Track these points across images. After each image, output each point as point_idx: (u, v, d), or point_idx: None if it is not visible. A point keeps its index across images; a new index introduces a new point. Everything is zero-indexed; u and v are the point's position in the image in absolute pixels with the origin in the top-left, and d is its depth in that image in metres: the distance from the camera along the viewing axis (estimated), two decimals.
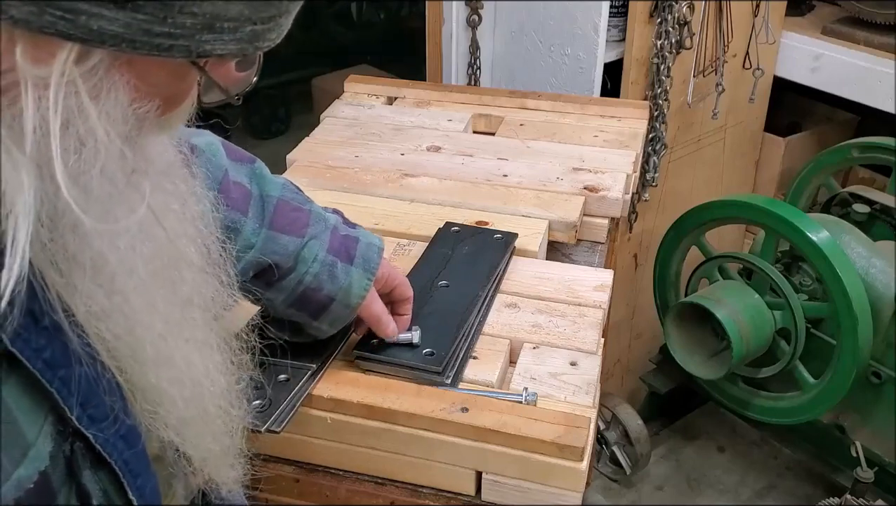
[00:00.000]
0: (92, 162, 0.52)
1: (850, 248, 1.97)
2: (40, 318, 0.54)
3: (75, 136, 0.51)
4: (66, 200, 0.51)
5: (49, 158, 0.50)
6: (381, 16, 4.45)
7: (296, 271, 0.94)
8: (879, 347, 1.94)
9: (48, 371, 0.54)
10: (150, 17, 0.49)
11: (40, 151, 0.50)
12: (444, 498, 1.03)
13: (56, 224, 0.53)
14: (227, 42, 0.53)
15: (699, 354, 2.04)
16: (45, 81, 0.49)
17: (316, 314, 0.98)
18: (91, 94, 0.51)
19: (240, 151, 0.97)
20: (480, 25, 2.09)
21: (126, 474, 0.60)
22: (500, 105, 1.74)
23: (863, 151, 2.20)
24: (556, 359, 1.08)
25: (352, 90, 1.80)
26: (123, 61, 0.52)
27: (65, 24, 0.48)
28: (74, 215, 0.52)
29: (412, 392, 1.01)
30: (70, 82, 0.50)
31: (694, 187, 2.46)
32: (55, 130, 0.50)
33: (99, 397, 0.58)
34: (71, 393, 0.56)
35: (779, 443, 2.32)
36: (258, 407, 0.94)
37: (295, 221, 0.94)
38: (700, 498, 2.33)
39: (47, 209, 0.52)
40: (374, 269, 0.97)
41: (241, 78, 0.61)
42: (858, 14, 2.38)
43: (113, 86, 0.52)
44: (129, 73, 0.53)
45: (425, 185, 1.45)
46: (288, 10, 0.56)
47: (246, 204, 0.93)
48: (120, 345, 0.59)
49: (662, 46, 2.01)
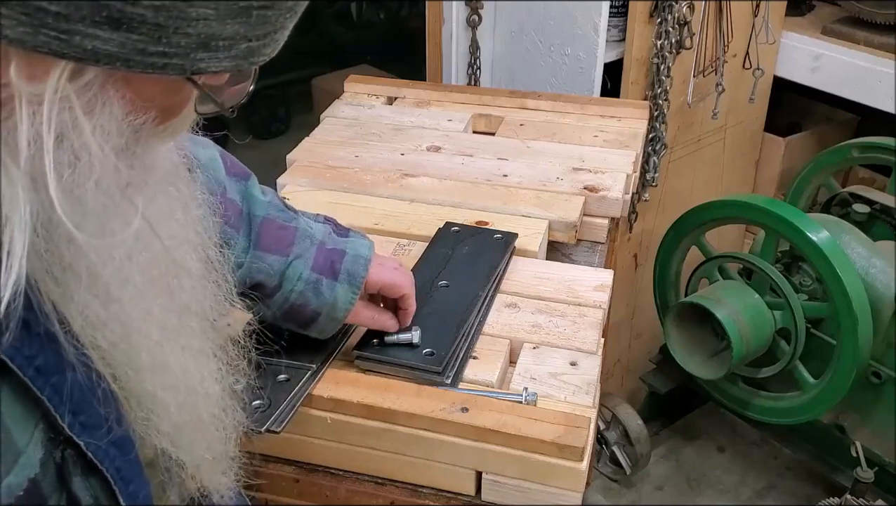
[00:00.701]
0: (86, 176, 0.52)
1: (850, 248, 1.97)
2: (34, 326, 0.54)
3: (70, 150, 0.51)
4: (59, 215, 0.51)
5: (43, 173, 0.50)
6: (381, 16, 4.45)
7: (282, 289, 0.96)
8: (879, 347, 1.93)
9: (39, 378, 0.54)
10: (145, 38, 0.49)
11: (35, 165, 0.50)
12: (444, 498, 1.03)
13: (51, 236, 0.53)
14: (221, 60, 0.53)
15: (699, 354, 2.04)
16: (39, 98, 0.49)
17: (304, 326, 1.00)
18: (85, 109, 0.51)
19: (238, 166, 0.98)
20: (480, 25, 2.09)
21: (118, 481, 0.60)
22: (500, 105, 1.74)
23: (863, 151, 2.20)
24: (556, 359, 1.08)
25: (352, 90, 1.80)
26: (118, 77, 0.52)
27: (59, 43, 0.48)
28: (68, 229, 0.52)
29: (412, 392, 1.01)
30: (64, 98, 0.50)
31: (694, 187, 2.46)
32: (49, 146, 0.50)
33: (92, 406, 0.58)
34: (63, 401, 0.56)
35: (779, 443, 2.32)
36: (258, 407, 0.94)
37: (280, 239, 0.96)
38: (700, 498, 2.33)
39: (42, 221, 0.52)
40: (360, 283, 0.99)
41: (235, 91, 0.61)
42: (858, 14, 2.38)
43: (107, 101, 0.52)
44: (124, 88, 0.53)
45: (425, 185, 1.45)
46: (283, 26, 0.56)
47: (238, 222, 0.95)
48: (116, 353, 0.59)
49: (662, 46, 2.00)
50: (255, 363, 0.83)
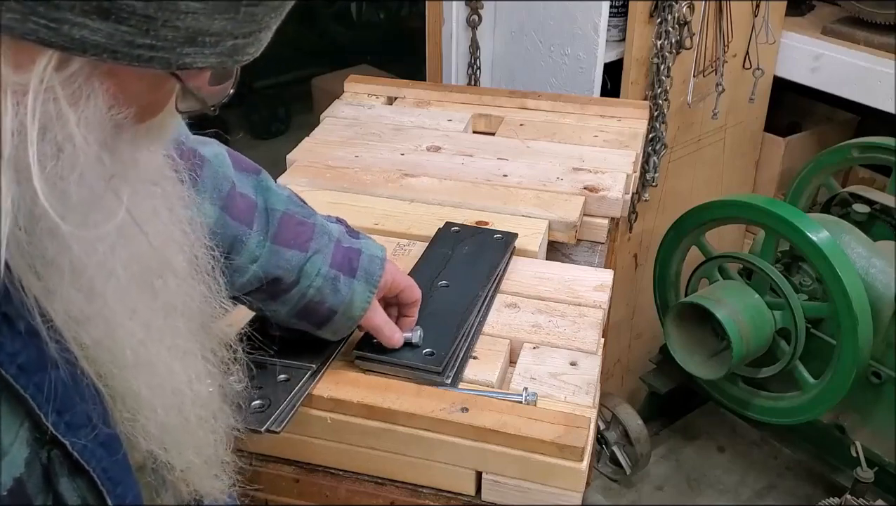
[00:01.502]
0: (70, 167, 0.52)
1: (850, 248, 1.97)
2: (16, 322, 0.54)
3: (53, 141, 0.51)
4: (43, 206, 0.51)
5: (27, 164, 0.50)
6: (381, 16, 4.45)
7: (299, 285, 0.95)
8: (879, 347, 1.93)
9: (22, 376, 0.54)
10: (133, 30, 0.50)
11: (18, 156, 0.50)
12: (444, 498, 1.03)
13: (34, 228, 0.52)
14: (207, 56, 0.53)
15: (699, 354, 2.04)
16: (23, 88, 0.49)
17: (319, 325, 0.99)
18: (70, 100, 0.51)
19: (245, 161, 0.97)
20: (480, 25, 2.09)
21: (105, 481, 0.60)
22: (500, 105, 1.74)
23: (863, 151, 2.20)
24: (556, 359, 1.08)
25: (352, 90, 1.80)
26: (103, 70, 0.53)
27: (47, 31, 0.48)
28: (52, 220, 0.52)
29: (412, 392, 1.01)
30: (49, 88, 0.50)
31: (694, 187, 2.46)
32: (33, 137, 0.50)
33: (76, 404, 0.58)
34: (46, 399, 0.55)
35: (779, 443, 2.32)
36: (258, 407, 0.94)
37: (299, 235, 0.95)
38: (700, 498, 2.33)
39: (24, 214, 0.51)
40: (377, 282, 0.98)
41: (216, 90, 0.61)
42: (858, 14, 2.38)
43: (92, 93, 0.53)
44: (108, 81, 0.53)
45: (425, 185, 1.45)
46: (268, 26, 0.57)
47: (251, 216, 0.93)
48: (100, 351, 0.59)
49: (662, 46, 2.01)
50: (256, 363, 0.82)
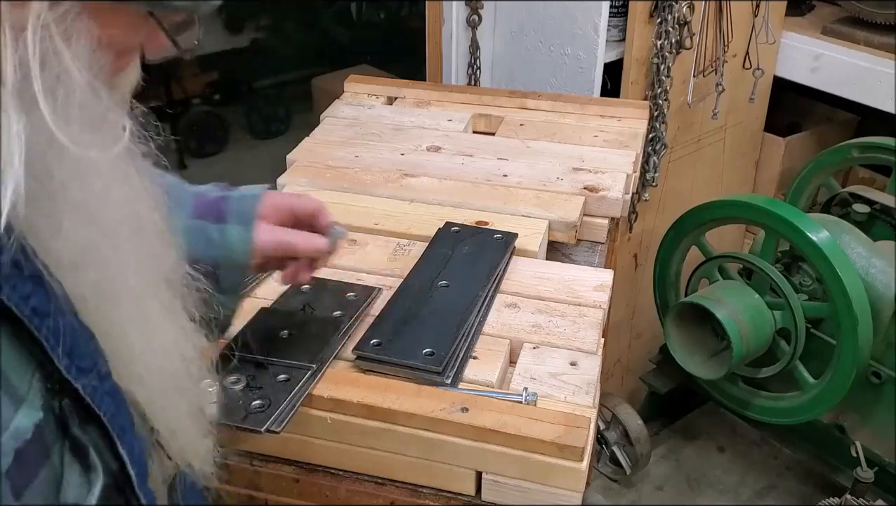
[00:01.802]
0: (72, 96, 0.54)
1: (850, 248, 1.97)
2: (23, 266, 0.53)
3: (53, 75, 0.53)
4: (50, 129, 0.52)
5: (32, 95, 0.52)
6: (381, 16, 4.44)
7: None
8: (879, 347, 1.93)
9: (36, 318, 0.53)
10: None
11: (22, 88, 0.52)
12: (444, 498, 1.03)
13: (39, 161, 0.53)
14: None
15: (699, 354, 2.04)
16: (21, 24, 0.51)
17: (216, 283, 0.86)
18: (63, 37, 0.54)
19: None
20: (480, 25, 2.09)
21: (116, 428, 0.60)
22: (500, 105, 1.74)
23: (863, 151, 2.20)
24: (556, 359, 1.08)
25: (352, 90, 1.80)
26: (89, 11, 0.55)
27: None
28: (59, 146, 0.53)
29: (412, 392, 1.01)
30: (45, 26, 0.52)
31: (694, 187, 2.46)
32: (35, 70, 0.52)
33: (84, 349, 0.58)
34: (58, 343, 0.55)
35: (779, 443, 2.32)
36: (258, 407, 0.94)
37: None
38: (700, 498, 2.33)
39: (32, 144, 0.52)
40: (252, 217, 0.90)
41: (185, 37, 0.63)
42: (858, 14, 2.38)
43: (80, 33, 0.55)
44: (93, 22, 0.55)
45: (425, 185, 1.45)
46: None
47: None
48: (95, 299, 0.59)
49: (662, 46, 2.01)
50: (255, 363, 0.82)
